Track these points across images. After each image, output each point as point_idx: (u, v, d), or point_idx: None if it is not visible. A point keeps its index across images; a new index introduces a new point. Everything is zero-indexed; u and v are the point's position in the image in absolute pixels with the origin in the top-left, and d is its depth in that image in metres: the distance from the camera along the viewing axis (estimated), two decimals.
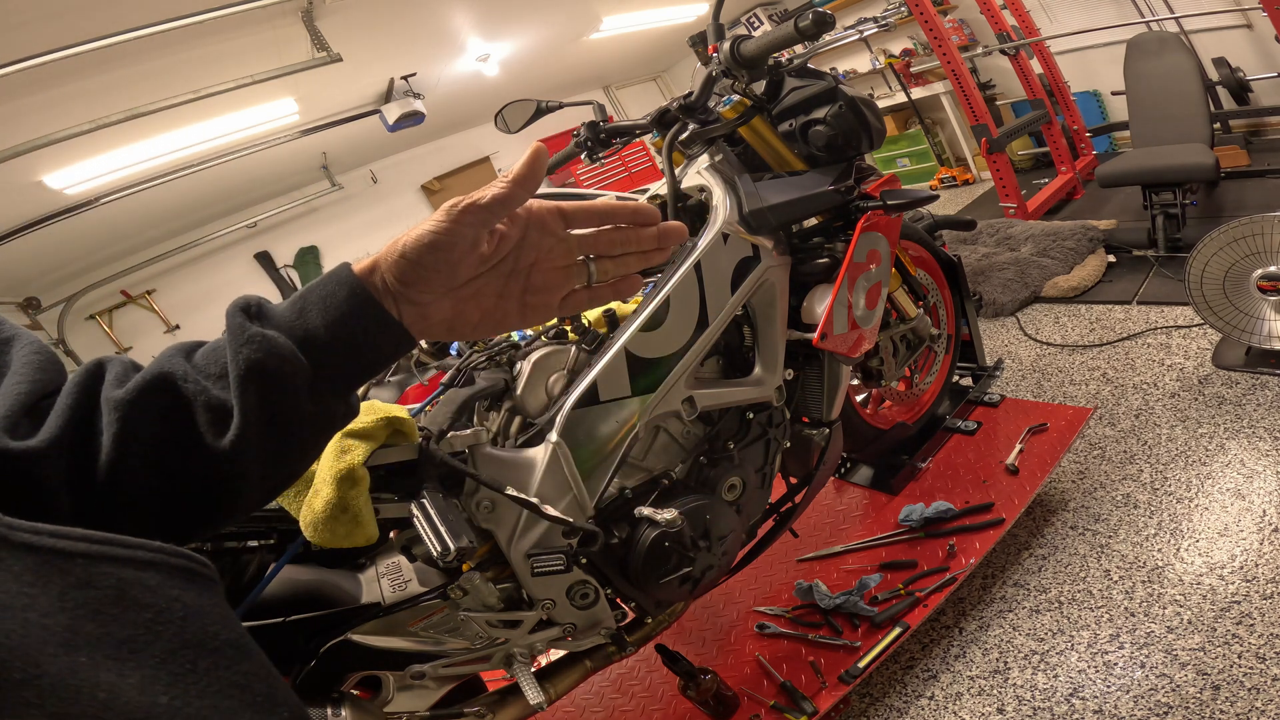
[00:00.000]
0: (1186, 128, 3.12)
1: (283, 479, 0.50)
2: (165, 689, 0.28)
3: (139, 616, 0.29)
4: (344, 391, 0.49)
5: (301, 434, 0.48)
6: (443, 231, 0.47)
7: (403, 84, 4.71)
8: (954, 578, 1.52)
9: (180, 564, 0.32)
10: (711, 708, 1.40)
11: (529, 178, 0.49)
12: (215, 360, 0.45)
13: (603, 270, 0.54)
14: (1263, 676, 1.22)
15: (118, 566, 0.30)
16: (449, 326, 0.50)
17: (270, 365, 0.44)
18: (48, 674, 0.24)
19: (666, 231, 0.54)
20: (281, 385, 0.44)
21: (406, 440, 0.99)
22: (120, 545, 0.31)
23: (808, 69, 1.47)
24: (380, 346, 0.48)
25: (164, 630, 0.29)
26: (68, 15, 2.63)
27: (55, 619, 0.26)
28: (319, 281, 0.48)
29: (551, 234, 0.51)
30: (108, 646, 0.27)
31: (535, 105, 1.63)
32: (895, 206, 1.44)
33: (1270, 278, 1.88)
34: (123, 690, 0.26)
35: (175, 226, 5.16)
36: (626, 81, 7.45)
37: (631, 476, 1.25)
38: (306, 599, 1.02)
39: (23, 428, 0.41)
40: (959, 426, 2.00)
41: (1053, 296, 2.99)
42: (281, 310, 0.47)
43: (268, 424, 0.44)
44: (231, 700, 0.30)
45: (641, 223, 0.53)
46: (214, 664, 0.30)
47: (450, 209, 0.47)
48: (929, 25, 3.79)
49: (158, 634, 0.29)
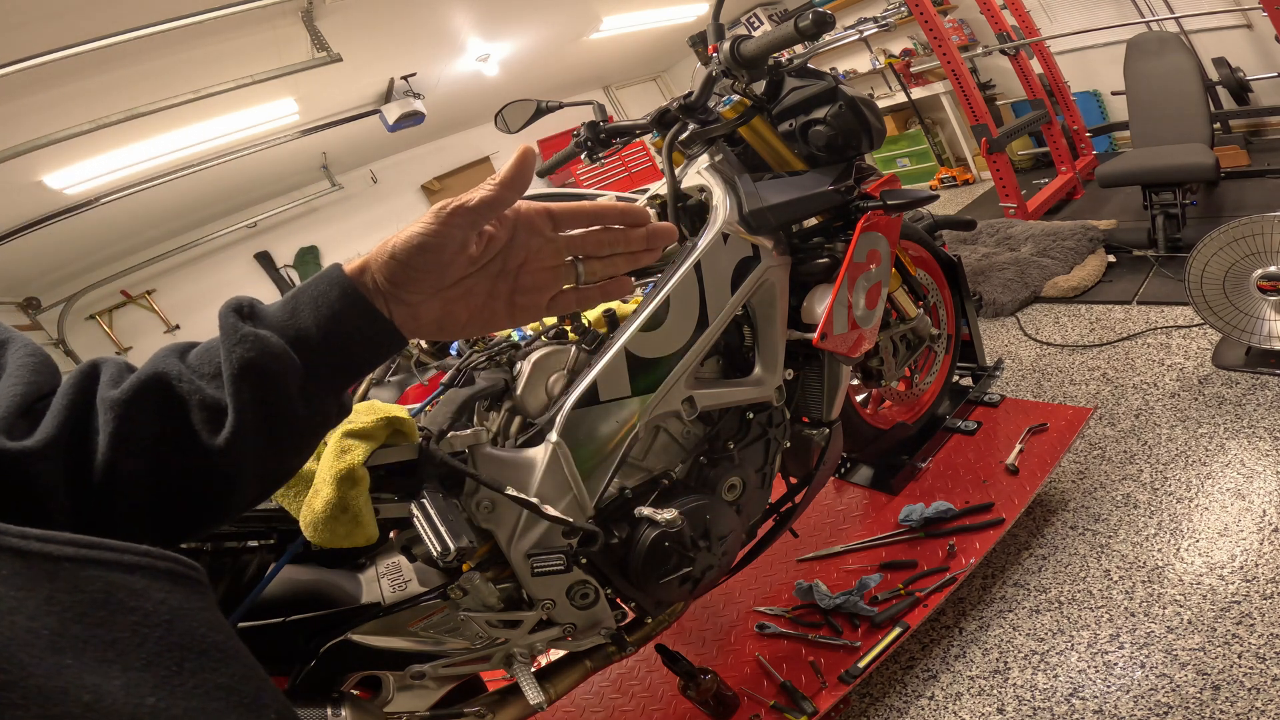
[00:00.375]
0: (1186, 128, 3.12)
1: (277, 477, 0.50)
2: (151, 691, 0.28)
3: (125, 619, 0.29)
4: (336, 390, 0.50)
5: (295, 432, 0.48)
6: (432, 233, 0.47)
7: (403, 84, 4.72)
8: (954, 578, 1.52)
9: (167, 567, 0.32)
10: (711, 708, 1.40)
11: (517, 180, 0.49)
12: (209, 360, 0.46)
13: (590, 271, 0.54)
14: (1263, 676, 1.22)
15: (105, 570, 0.30)
16: (439, 325, 0.51)
17: (263, 364, 0.44)
18: (34, 676, 0.25)
19: (655, 232, 0.55)
20: (275, 384, 0.45)
21: (406, 440, 0.99)
22: (107, 549, 0.31)
23: (808, 69, 1.47)
24: (371, 346, 0.49)
25: (150, 633, 0.29)
26: (68, 15, 2.63)
27: (42, 622, 0.26)
28: (311, 282, 0.48)
29: (540, 235, 0.52)
30: (94, 649, 0.27)
31: (535, 105, 1.63)
32: (895, 206, 1.44)
33: (1270, 278, 1.88)
34: (109, 692, 0.26)
35: (175, 226, 5.16)
36: (626, 81, 7.44)
37: (631, 476, 1.25)
38: (306, 599, 1.02)
39: (19, 429, 0.41)
40: (959, 426, 2.00)
41: (1053, 296, 2.99)
42: (274, 310, 0.47)
43: (262, 422, 0.44)
44: (218, 702, 0.30)
45: (630, 224, 0.54)
46: (200, 666, 0.30)
47: (439, 211, 0.47)
48: (929, 25, 3.79)
49: (144, 636, 0.29)
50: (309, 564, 1.05)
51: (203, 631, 0.32)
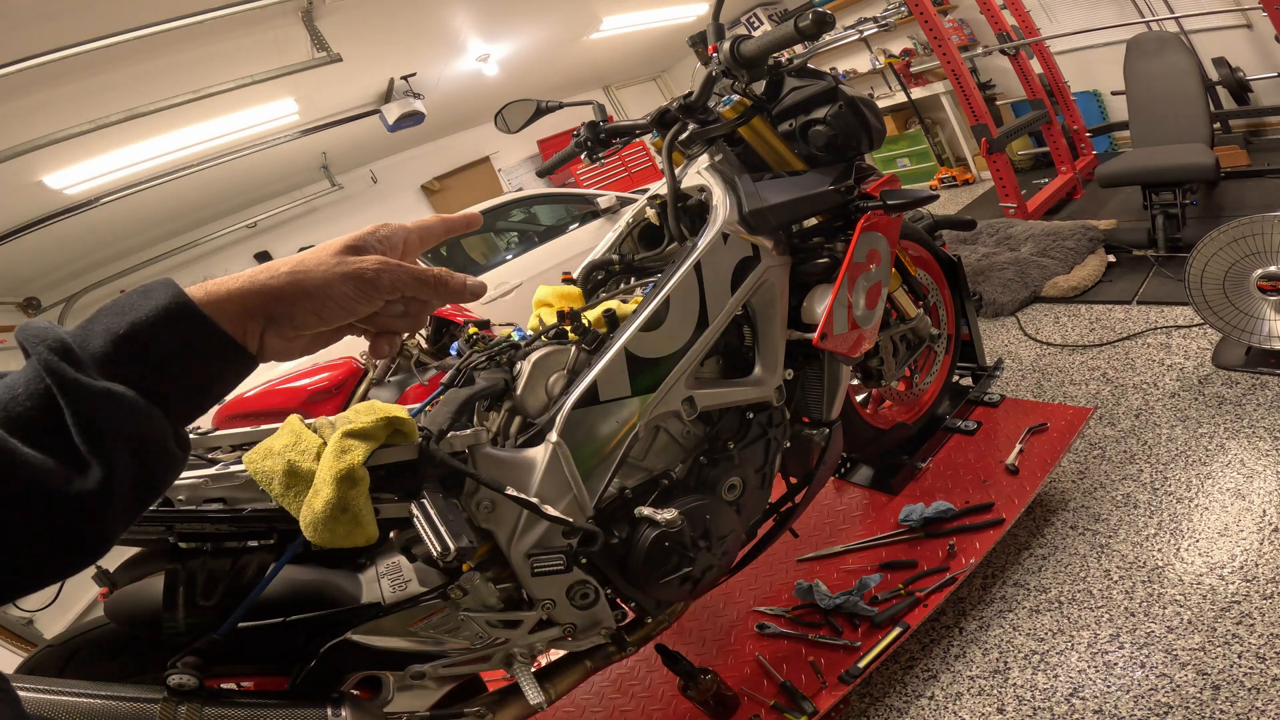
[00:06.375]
0: (1186, 128, 3.12)
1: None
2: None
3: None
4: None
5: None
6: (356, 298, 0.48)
7: (403, 84, 4.72)
8: (954, 578, 1.52)
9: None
10: (711, 708, 1.40)
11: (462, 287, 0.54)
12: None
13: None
14: (1263, 676, 1.22)
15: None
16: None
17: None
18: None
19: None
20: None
21: (406, 440, 0.99)
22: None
23: (808, 69, 1.47)
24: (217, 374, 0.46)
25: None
26: (68, 15, 2.63)
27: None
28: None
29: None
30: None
31: (535, 105, 1.63)
32: (895, 206, 1.44)
33: (1270, 278, 1.88)
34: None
35: (175, 226, 5.16)
36: (626, 81, 7.45)
37: (631, 476, 1.25)
38: (306, 599, 1.02)
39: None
40: (959, 426, 2.00)
41: (1053, 296, 2.99)
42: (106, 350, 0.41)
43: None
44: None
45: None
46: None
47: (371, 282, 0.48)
48: (929, 25, 3.79)
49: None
50: (309, 564, 1.05)
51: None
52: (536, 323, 1.37)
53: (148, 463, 0.41)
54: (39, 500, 0.37)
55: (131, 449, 0.40)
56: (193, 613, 0.93)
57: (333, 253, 0.49)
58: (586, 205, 4.44)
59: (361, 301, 0.48)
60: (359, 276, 0.47)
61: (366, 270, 0.48)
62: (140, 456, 0.40)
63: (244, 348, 0.45)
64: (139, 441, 0.40)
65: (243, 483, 0.96)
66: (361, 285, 0.47)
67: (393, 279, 0.49)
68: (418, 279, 0.50)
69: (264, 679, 1.06)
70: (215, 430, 1.12)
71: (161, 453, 0.42)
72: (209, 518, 0.93)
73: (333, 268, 0.47)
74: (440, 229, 0.57)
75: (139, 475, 0.41)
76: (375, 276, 0.48)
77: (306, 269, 0.47)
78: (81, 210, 4.02)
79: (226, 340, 0.44)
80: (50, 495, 0.37)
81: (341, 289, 0.47)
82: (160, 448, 0.42)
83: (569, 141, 1.62)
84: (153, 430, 0.41)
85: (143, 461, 0.41)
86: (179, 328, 0.42)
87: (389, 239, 0.52)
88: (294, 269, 0.46)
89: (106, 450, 0.38)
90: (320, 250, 0.49)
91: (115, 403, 0.39)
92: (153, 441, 0.41)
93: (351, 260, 0.48)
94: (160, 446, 0.42)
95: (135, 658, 1.00)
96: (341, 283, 0.47)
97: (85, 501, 0.38)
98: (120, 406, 0.39)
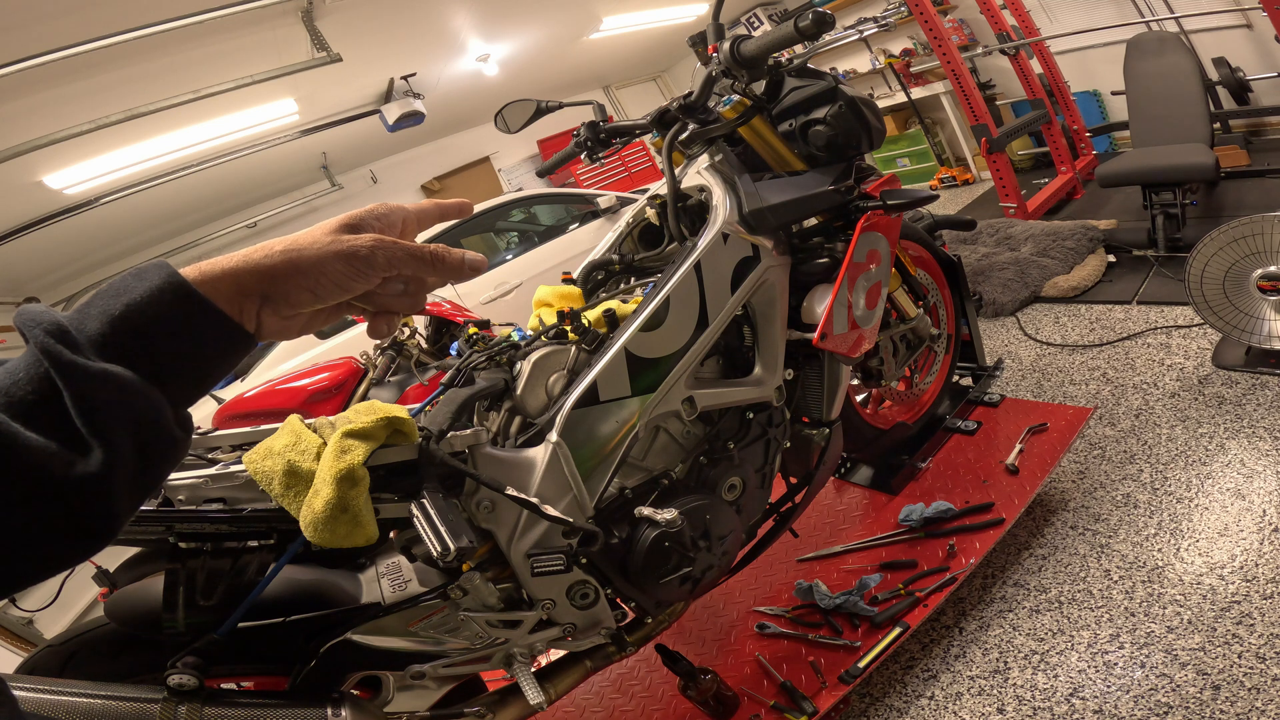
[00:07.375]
0: (1186, 127, 3.12)
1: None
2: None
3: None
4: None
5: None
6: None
7: (403, 84, 4.72)
8: (954, 578, 1.52)
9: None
10: (711, 708, 1.40)
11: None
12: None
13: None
14: (1263, 676, 1.22)
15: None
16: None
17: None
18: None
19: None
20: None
21: (406, 440, 0.99)
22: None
23: (808, 69, 1.47)
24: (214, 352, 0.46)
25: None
26: (68, 15, 2.63)
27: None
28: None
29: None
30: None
31: (535, 105, 1.63)
32: (895, 206, 1.44)
33: (1270, 277, 1.88)
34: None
35: (175, 226, 5.17)
36: (626, 81, 7.45)
37: (631, 476, 1.25)
38: (306, 599, 1.02)
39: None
40: (959, 426, 2.00)
41: (1053, 296, 2.99)
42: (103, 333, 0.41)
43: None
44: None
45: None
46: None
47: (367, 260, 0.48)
48: (929, 25, 3.79)
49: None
50: (309, 564, 1.05)
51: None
52: (536, 323, 1.37)
53: (149, 443, 0.41)
54: (44, 485, 0.37)
55: (132, 430, 0.40)
56: (193, 613, 0.93)
57: (328, 230, 0.48)
58: (586, 205, 4.44)
59: (356, 279, 0.48)
60: (353, 254, 0.47)
61: (361, 247, 0.47)
62: (141, 437, 0.40)
63: (241, 326, 0.45)
64: (139, 422, 0.40)
65: (243, 483, 0.96)
66: (356, 262, 0.47)
67: (388, 256, 0.48)
68: (413, 255, 0.50)
69: (264, 679, 1.07)
70: (215, 430, 1.12)
71: (162, 433, 0.42)
72: (209, 518, 0.92)
73: (327, 245, 0.47)
74: (435, 213, 0.58)
75: (141, 456, 0.41)
76: (370, 253, 0.48)
77: (301, 247, 0.47)
78: (81, 210, 4.02)
79: (223, 319, 0.44)
80: (54, 479, 0.37)
81: (335, 266, 0.47)
82: (161, 428, 0.42)
83: (569, 141, 1.62)
84: (152, 410, 0.41)
85: (144, 442, 0.41)
86: (175, 308, 0.42)
87: (386, 217, 0.52)
88: (288, 247, 0.46)
89: (107, 431, 0.39)
90: (316, 228, 0.49)
91: (113, 383, 0.39)
92: (153, 422, 0.41)
93: (346, 238, 0.48)
94: (161, 426, 0.42)
95: (135, 658, 1.00)
96: (335, 260, 0.47)
97: (89, 484, 0.38)
98: (119, 387, 0.39)
